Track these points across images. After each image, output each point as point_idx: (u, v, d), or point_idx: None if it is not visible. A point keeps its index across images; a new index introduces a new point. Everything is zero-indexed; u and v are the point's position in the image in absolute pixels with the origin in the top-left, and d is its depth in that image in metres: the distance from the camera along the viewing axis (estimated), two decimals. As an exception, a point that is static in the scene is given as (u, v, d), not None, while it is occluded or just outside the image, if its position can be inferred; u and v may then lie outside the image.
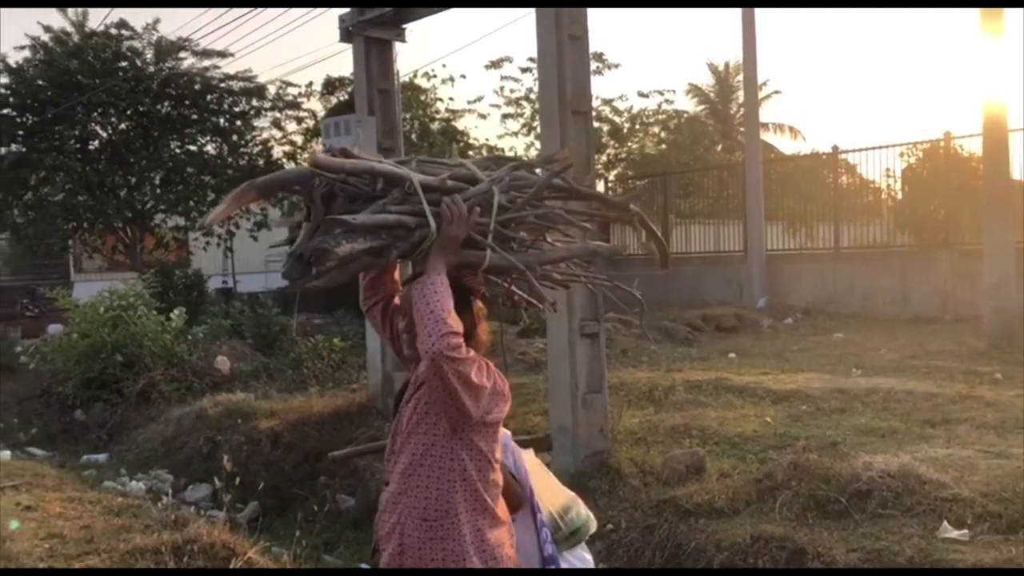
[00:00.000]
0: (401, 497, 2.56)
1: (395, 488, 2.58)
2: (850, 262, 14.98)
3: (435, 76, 20.14)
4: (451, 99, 20.46)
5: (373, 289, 2.85)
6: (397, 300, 2.82)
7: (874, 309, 13.88)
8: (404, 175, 2.52)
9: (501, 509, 2.61)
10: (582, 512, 3.21)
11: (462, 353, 2.37)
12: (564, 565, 3.05)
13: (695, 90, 30.35)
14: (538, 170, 2.87)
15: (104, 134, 19.61)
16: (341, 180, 2.48)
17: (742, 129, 22.10)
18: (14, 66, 18.44)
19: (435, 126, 19.56)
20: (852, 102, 53.34)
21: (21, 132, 18.61)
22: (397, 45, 8.75)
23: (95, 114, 18.83)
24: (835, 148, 16.10)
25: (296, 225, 2.59)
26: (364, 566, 5.67)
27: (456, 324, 2.39)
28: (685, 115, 24.73)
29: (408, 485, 2.55)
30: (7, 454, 8.52)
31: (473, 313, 2.62)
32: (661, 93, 22.93)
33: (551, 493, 3.16)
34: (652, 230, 3.21)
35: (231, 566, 4.79)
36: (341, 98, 19.46)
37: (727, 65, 30.01)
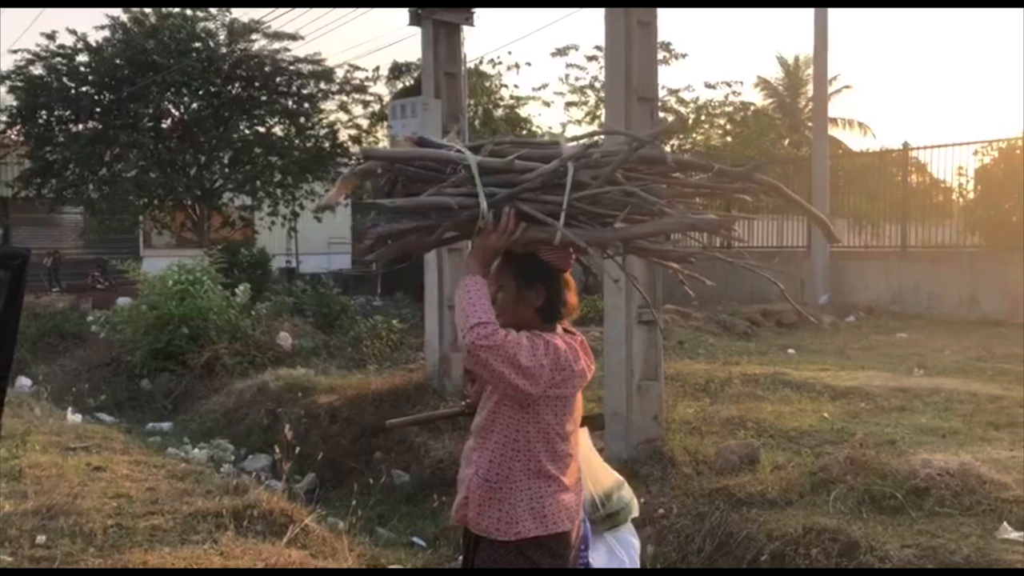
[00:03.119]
0: (473, 453, 2.72)
1: (471, 443, 2.76)
2: (916, 261, 14.66)
3: (500, 63, 20.22)
4: (516, 86, 20.53)
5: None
6: None
7: (939, 310, 13.59)
8: (459, 157, 2.58)
9: (569, 477, 2.70)
10: (624, 496, 3.24)
11: (496, 340, 2.47)
12: (602, 546, 3.09)
13: (763, 83, 29.92)
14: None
15: (176, 113, 20.06)
16: (414, 166, 2.60)
17: (810, 124, 21.70)
18: (94, 45, 18.96)
19: (499, 113, 19.64)
20: (924, 98, 52.05)
21: (99, 109, 19.14)
22: (465, 29, 8.81)
23: (169, 93, 19.26)
24: (905, 145, 15.75)
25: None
26: (416, 539, 5.77)
27: (485, 314, 2.50)
28: (752, 107, 24.41)
29: (480, 444, 2.70)
30: (78, 418, 8.82)
31: (556, 287, 2.68)
32: (729, 84, 22.68)
33: (597, 474, 3.19)
34: (795, 199, 2.99)
35: (288, 533, 4.92)
36: (407, 83, 19.65)
37: (797, 59, 29.53)
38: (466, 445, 2.80)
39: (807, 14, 16.89)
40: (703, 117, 22.81)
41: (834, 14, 17.09)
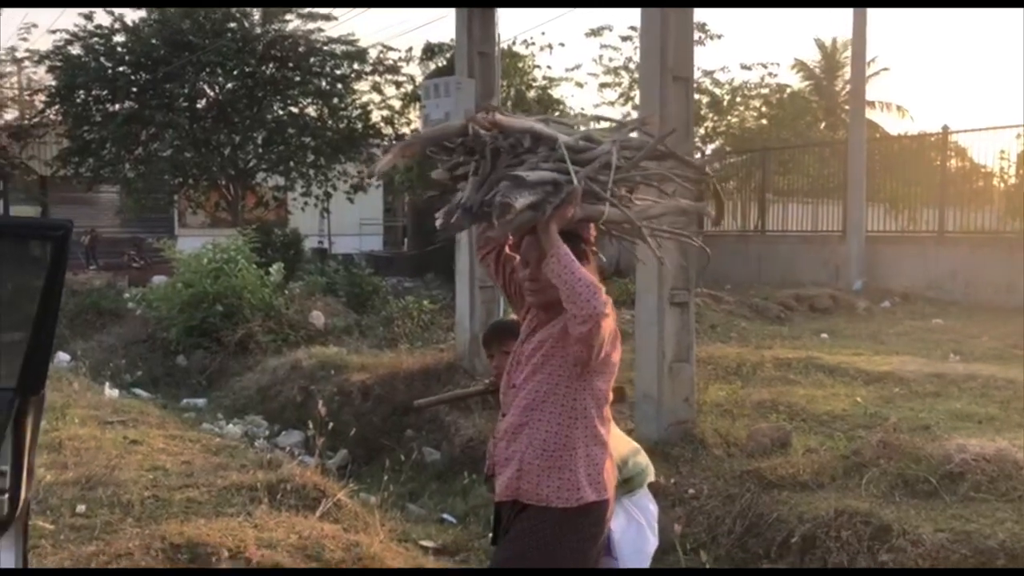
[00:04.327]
0: (523, 428, 2.75)
1: (516, 420, 2.77)
2: (954, 247, 14.44)
3: (533, 43, 20.13)
4: (549, 67, 20.47)
5: (486, 240, 3.01)
6: (508, 249, 2.99)
7: (977, 296, 13.38)
8: (553, 135, 2.71)
9: (612, 442, 2.83)
10: (640, 461, 3.27)
11: (610, 308, 2.56)
12: (620, 511, 3.11)
13: (801, 65, 29.53)
14: (634, 133, 3.06)
15: (211, 93, 20.23)
16: (493, 138, 2.66)
17: (847, 107, 21.42)
18: (131, 25, 19.14)
19: (531, 94, 19.55)
20: (965, 81, 51.08)
21: (135, 89, 19.34)
22: (499, 9, 8.76)
23: (204, 73, 19.42)
24: (945, 128, 15.49)
25: (451, 179, 2.79)
26: (446, 516, 5.82)
27: (598, 283, 2.58)
28: (788, 89, 24.13)
29: (531, 418, 2.74)
30: (115, 393, 8.96)
31: (584, 260, 2.74)
32: (764, 66, 22.43)
33: (615, 442, 3.21)
34: (716, 191, 3.35)
35: (321, 507, 4.98)
36: (440, 64, 19.61)
37: (834, 41, 29.09)
38: (503, 425, 2.83)
39: (846, -4, 16.63)
40: (738, 99, 22.58)
41: (873, -5, 16.81)
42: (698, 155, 19.97)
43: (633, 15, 6.15)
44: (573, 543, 2.69)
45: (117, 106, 19.71)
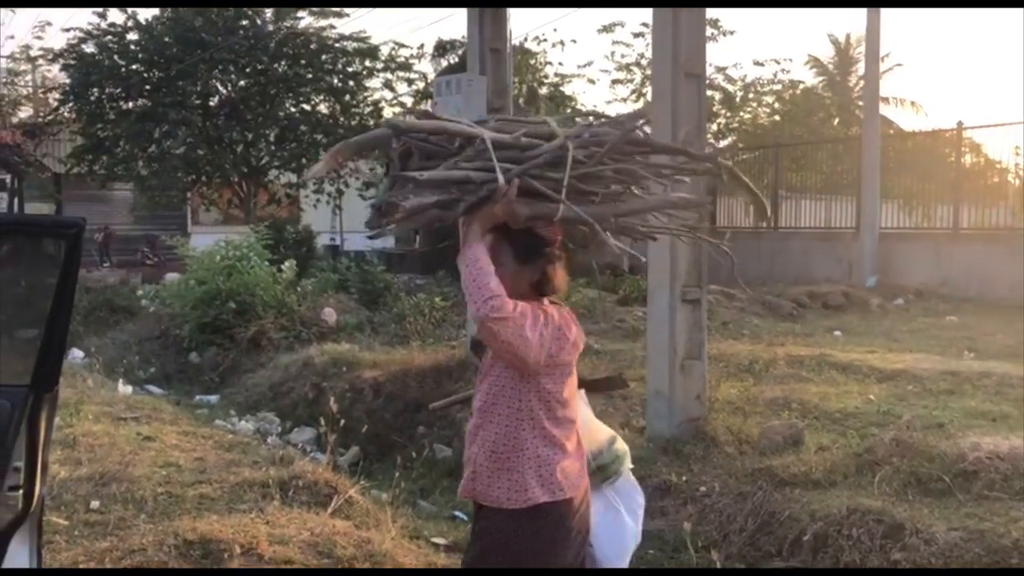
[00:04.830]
0: (479, 431, 2.78)
1: (474, 422, 2.82)
2: (969, 244, 14.34)
3: (545, 40, 20.12)
4: (560, 63, 20.45)
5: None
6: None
7: (992, 293, 13.28)
8: (476, 132, 2.64)
9: (573, 443, 2.79)
10: (616, 449, 3.28)
11: (506, 311, 2.54)
12: (599, 500, 3.12)
13: (814, 61, 29.39)
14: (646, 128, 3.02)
15: (224, 91, 20.30)
16: (422, 139, 2.65)
17: (860, 103, 21.30)
18: (144, 23, 19.22)
19: (543, 91, 19.55)
20: (979, 77, 50.73)
21: (148, 87, 19.43)
22: (511, 6, 8.77)
23: (216, 71, 19.49)
24: (959, 124, 15.39)
25: (381, 181, 2.81)
26: (457, 513, 5.83)
27: (497, 287, 2.56)
28: (801, 86, 24.03)
29: (484, 420, 2.77)
30: (129, 389, 9.01)
31: (548, 261, 2.75)
32: (777, 62, 22.35)
33: (593, 434, 3.22)
34: (745, 182, 3.19)
35: (333, 503, 4.99)
36: (452, 61, 19.63)
37: (848, 37, 28.93)
38: (469, 426, 2.86)
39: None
40: (751, 95, 22.50)
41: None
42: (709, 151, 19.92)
43: (645, 12, 6.14)
44: (529, 543, 2.68)
45: (130, 104, 19.81)
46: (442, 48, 20.53)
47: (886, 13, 16.50)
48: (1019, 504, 4.30)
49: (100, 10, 19.42)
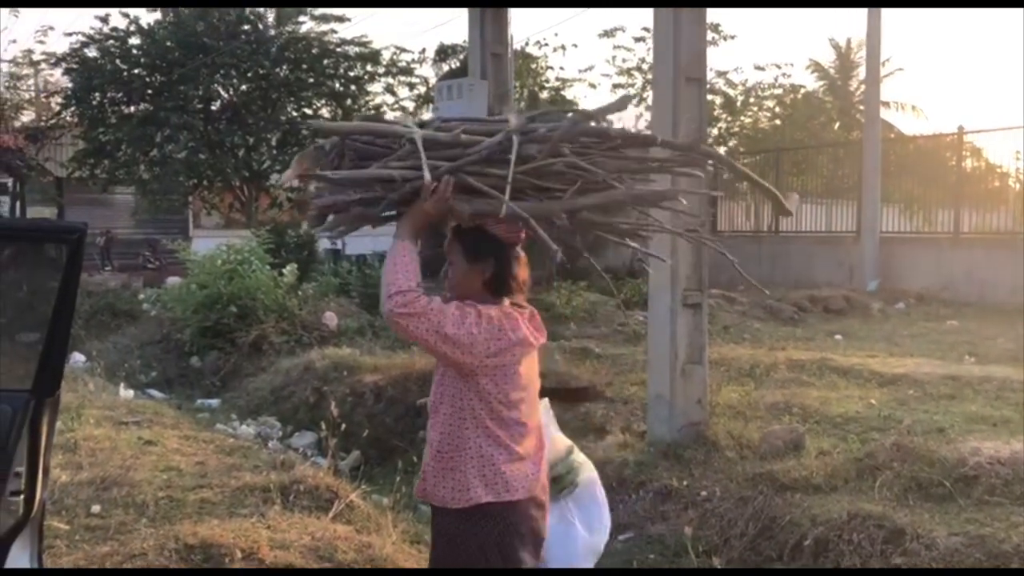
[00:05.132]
0: (429, 432, 2.79)
1: (428, 422, 2.83)
2: (970, 248, 14.36)
3: (547, 44, 20.16)
4: (562, 68, 20.48)
5: None
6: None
7: (993, 298, 13.29)
8: (405, 132, 2.64)
9: (525, 446, 2.74)
10: (571, 460, 3.26)
11: (415, 307, 2.54)
12: (555, 510, 3.10)
13: (815, 66, 29.41)
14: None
15: (225, 95, 20.33)
16: (367, 142, 2.67)
17: (861, 107, 21.31)
18: (146, 27, 19.26)
19: (545, 95, 19.57)
20: (980, 81, 50.74)
21: (150, 91, 19.46)
22: (512, 10, 8.78)
23: (218, 75, 19.52)
24: (960, 129, 15.39)
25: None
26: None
27: (405, 283, 2.56)
28: (802, 90, 24.04)
29: (433, 420, 2.77)
30: (130, 393, 9.01)
31: (503, 261, 2.71)
32: (778, 67, 22.37)
33: (552, 444, 3.20)
34: (752, 178, 3.05)
35: (334, 508, 4.99)
36: (453, 65, 19.65)
37: (848, 41, 28.95)
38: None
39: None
40: (752, 99, 22.52)
41: (888, -6, 16.75)
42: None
43: (646, 16, 6.14)
44: (475, 544, 2.67)
45: (132, 108, 19.85)
46: (443, 52, 20.55)
47: (886, 17, 16.55)
48: (1020, 509, 4.29)
49: (103, 14, 19.48)
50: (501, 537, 2.68)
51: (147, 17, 19.48)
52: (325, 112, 21.00)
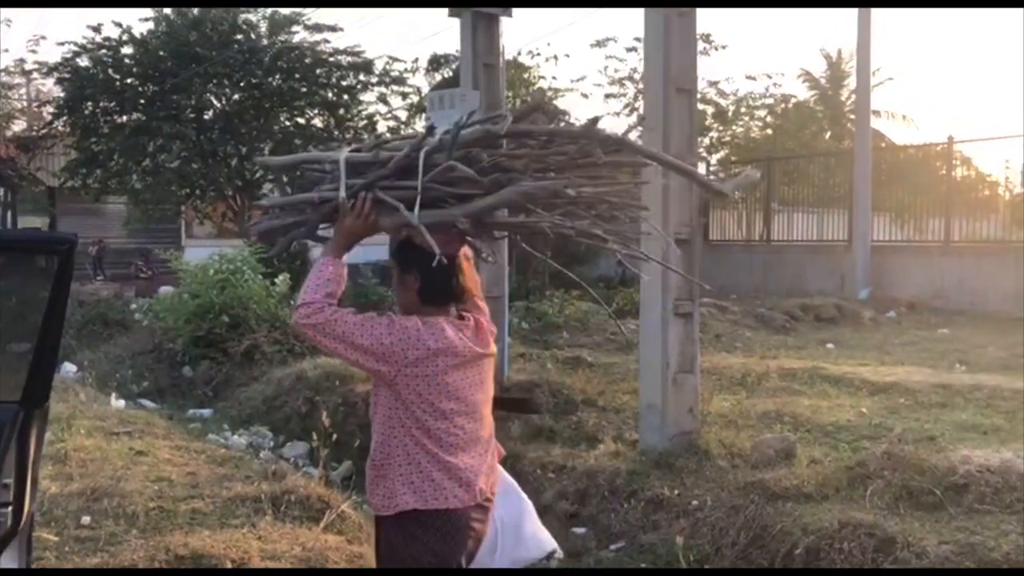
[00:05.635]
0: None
1: None
2: (960, 256, 14.42)
3: (539, 54, 20.17)
4: (554, 78, 20.49)
5: None
6: None
7: (984, 306, 13.36)
8: (328, 157, 2.83)
9: (458, 456, 2.74)
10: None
11: (318, 319, 2.63)
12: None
13: (807, 75, 29.52)
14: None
15: (218, 105, 20.27)
16: (320, 170, 2.86)
17: (852, 116, 21.40)
18: (138, 37, 19.24)
19: (537, 105, 19.58)
20: (970, 90, 51.00)
21: (142, 101, 19.42)
22: (504, 21, 8.80)
23: (211, 85, 19.46)
24: (950, 138, 15.48)
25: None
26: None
27: (313, 294, 2.66)
28: (793, 99, 24.13)
29: (373, 430, 2.81)
30: (121, 403, 8.98)
31: (431, 271, 2.68)
32: (769, 76, 22.42)
33: None
34: (648, 152, 2.90)
35: (325, 518, 4.99)
36: (446, 75, 19.67)
37: (839, 51, 29.06)
38: None
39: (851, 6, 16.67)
40: (743, 109, 22.58)
41: (878, 7, 16.84)
42: (702, 165, 19.96)
43: (638, 26, 6.15)
44: (406, 550, 2.69)
45: (125, 118, 19.78)
46: (436, 62, 20.57)
47: (876, 27, 16.62)
48: (1009, 517, 4.31)
49: (95, 23, 19.43)
50: (430, 545, 2.69)
51: (140, 27, 19.46)
52: (318, 122, 20.98)
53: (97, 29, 19.26)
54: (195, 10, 19.32)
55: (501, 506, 3.19)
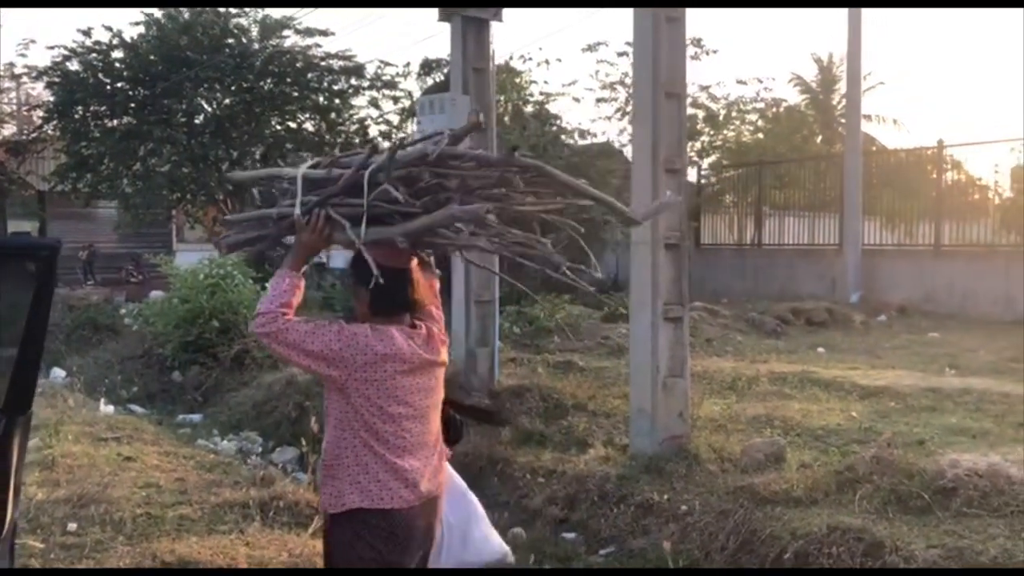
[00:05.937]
0: None
1: None
2: (950, 260, 14.47)
3: (530, 59, 20.17)
4: (546, 82, 20.49)
5: None
6: None
7: (974, 310, 13.40)
8: (288, 174, 2.98)
9: (406, 459, 2.83)
10: None
11: (273, 327, 2.75)
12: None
13: (798, 80, 29.60)
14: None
15: (209, 109, 20.23)
16: (274, 186, 3.05)
17: (843, 120, 21.44)
18: (129, 41, 19.19)
19: (528, 109, 19.59)
20: (960, 95, 51.22)
21: (133, 105, 19.36)
22: (494, 25, 8.80)
23: (202, 89, 19.43)
24: (940, 143, 15.53)
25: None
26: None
27: (270, 304, 2.78)
28: (784, 104, 24.18)
29: (325, 432, 2.89)
30: (111, 409, 8.94)
31: (379, 284, 2.72)
32: (760, 81, 22.44)
33: None
34: (565, 180, 2.91)
35: (313, 524, 4.96)
36: (437, 79, 19.65)
37: (830, 56, 29.15)
38: None
39: (841, 11, 16.72)
40: (734, 113, 22.60)
41: (868, 9, 16.90)
42: (693, 170, 19.98)
43: (629, 31, 6.14)
44: (352, 549, 2.77)
45: (115, 122, 19.72)
46: (428, 66, 20.54)
47: (867, 31, 16.67)
48: (997, 521, 4.32)
49: (85, 27, 19.40)
50: (374, 544, 2.77)
51: (130, 31, 19.41)
52: (309, 126, 20.95)
53: (87, 33, 19.21)
54: (186, 14, 19.29)
55: (449, 509, 3.24)
